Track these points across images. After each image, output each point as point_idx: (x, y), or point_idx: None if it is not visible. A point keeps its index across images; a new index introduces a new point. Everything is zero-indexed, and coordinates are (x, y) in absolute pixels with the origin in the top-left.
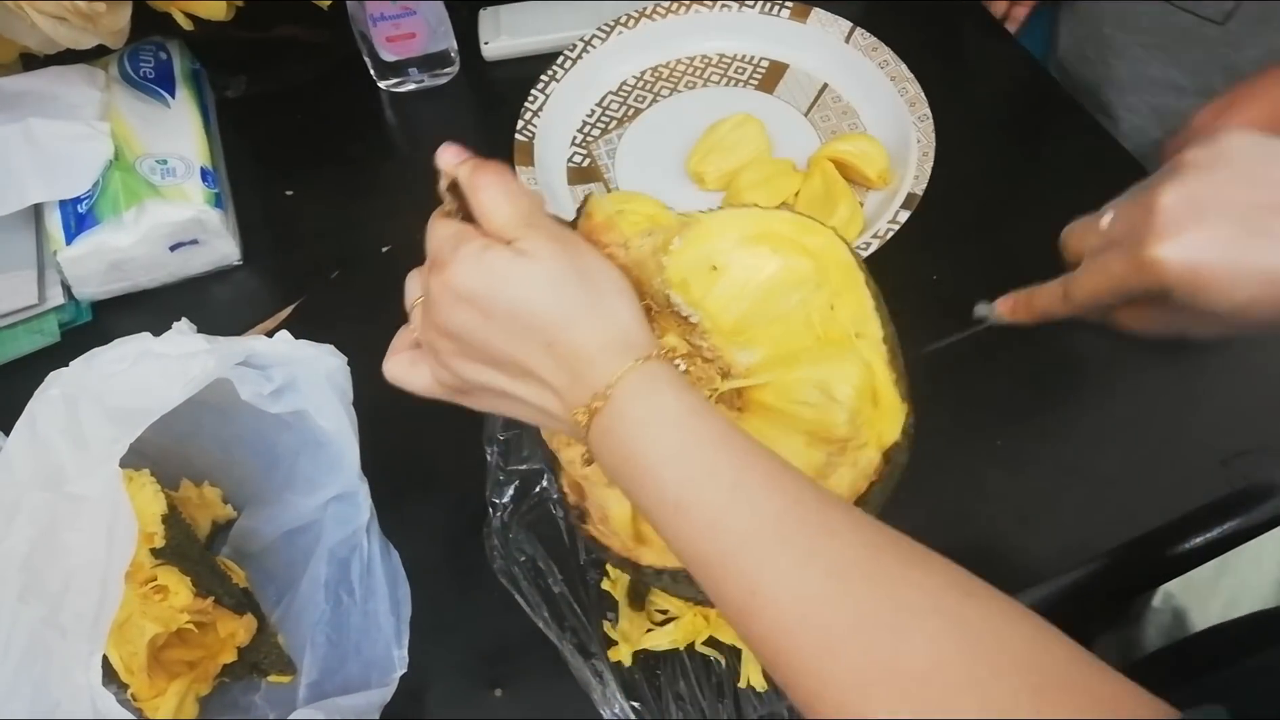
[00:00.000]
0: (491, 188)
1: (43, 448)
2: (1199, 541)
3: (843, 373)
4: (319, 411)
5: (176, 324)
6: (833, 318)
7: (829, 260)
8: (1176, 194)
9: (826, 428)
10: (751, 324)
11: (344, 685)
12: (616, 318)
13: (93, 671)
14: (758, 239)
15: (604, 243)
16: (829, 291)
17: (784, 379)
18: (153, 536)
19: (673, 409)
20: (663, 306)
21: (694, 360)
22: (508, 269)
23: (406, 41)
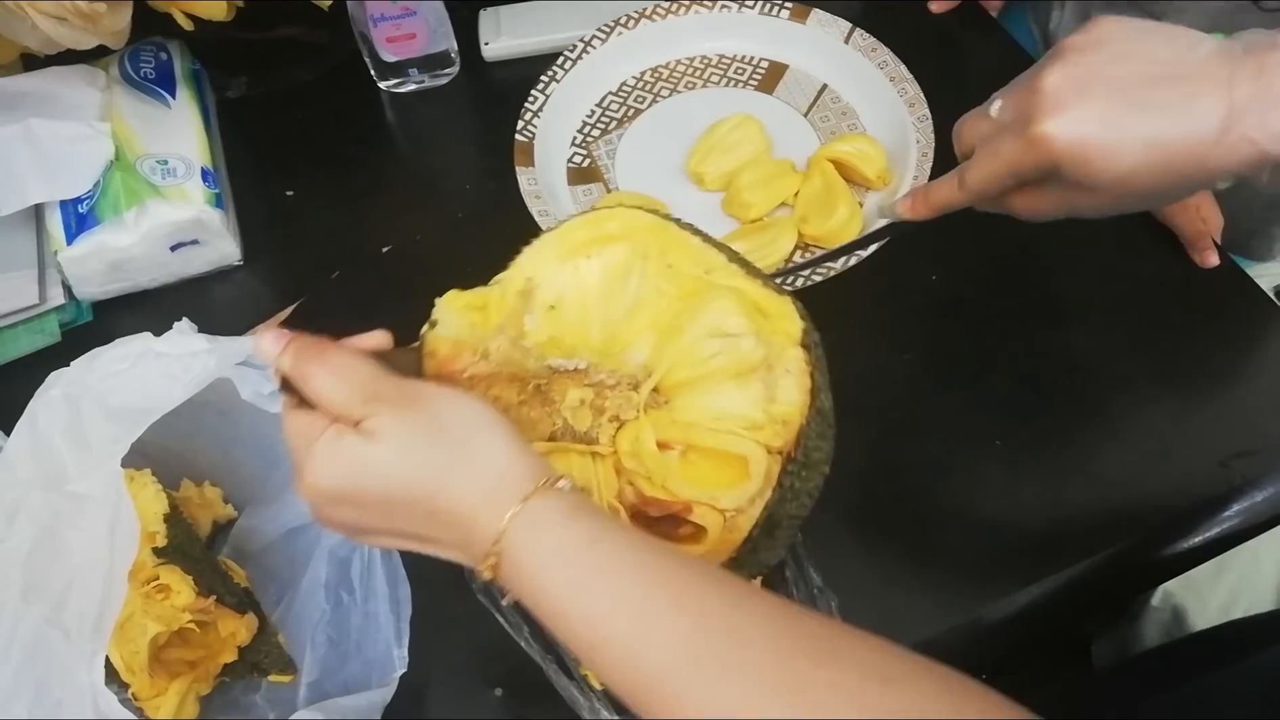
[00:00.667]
0: (317, 374)
1: (44, 447)
2: (1198, 541)
3: (721, 309)
4: None
5: (177, 324)
6: (677, 273)
7: (636, 231)
8: (1059, 74)
9: (743, 362)
10: (616, 329)
11: (344, 685)
12: (487, 465)
13: (95, 671)
14: (568, 255)
15: (458, 371)
16: (656, 255)
17: (681, 351)
18: (155, 536)
19: (565, 548)
20: (550, 375)
21: (603, 394)
22: (362, 458)
23: (407, 42)
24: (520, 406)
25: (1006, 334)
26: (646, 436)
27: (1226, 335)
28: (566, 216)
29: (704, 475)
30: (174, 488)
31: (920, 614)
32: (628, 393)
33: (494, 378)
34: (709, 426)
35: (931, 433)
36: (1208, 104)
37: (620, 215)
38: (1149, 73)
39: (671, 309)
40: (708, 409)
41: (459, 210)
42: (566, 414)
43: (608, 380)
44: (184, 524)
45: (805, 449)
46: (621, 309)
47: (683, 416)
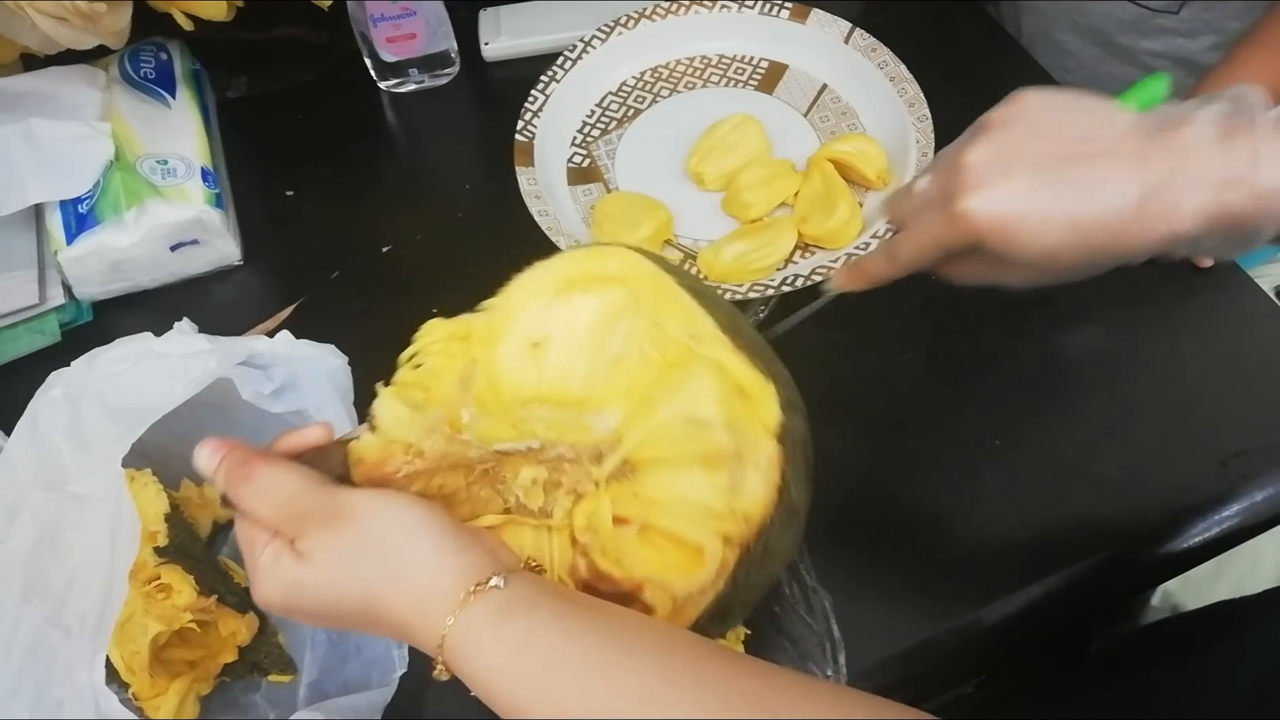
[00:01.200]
0: (245, 497)
1: (44, 447)
2: (1197, 541)
3: (697, 391)
4: (320, 411)
5: (178, 324)
6: (664, 336)
7: (635, 278)
8: (979, 151)
9: (713, 452)
10: (595, 384)
11: (344, 685)
12: (416, 577)
13: (96, 671)
14: (563, 289)
15: (390, 473)
16: (647, 311)
17: (650, 430)
18: (155, 535)
19: (497, 657)
20: (496, 460)
21: (561, 468)
22: (297, 579)
23: (407, 42)
24: (470, 487)
25: (1006, 334)
26: (604, 512)
27: (1226, 335)
28: (567, 249)
29: (659, 556)
30: (174, 488)
31: (920, 614)
32: (588, 467)
33: (433, 471)
34: (670, 508)
35: (931, 432)
36: (1124, 183)
37: (622, 256)
38: (1068, 150)
39: (650, 375)
40: (670, 490)
41: (459, 210)
42: (519, 491)
43: (567, 454)
44: (185, 523)
45: (765, 541)
46: (604, 362)
47: (645, 492)
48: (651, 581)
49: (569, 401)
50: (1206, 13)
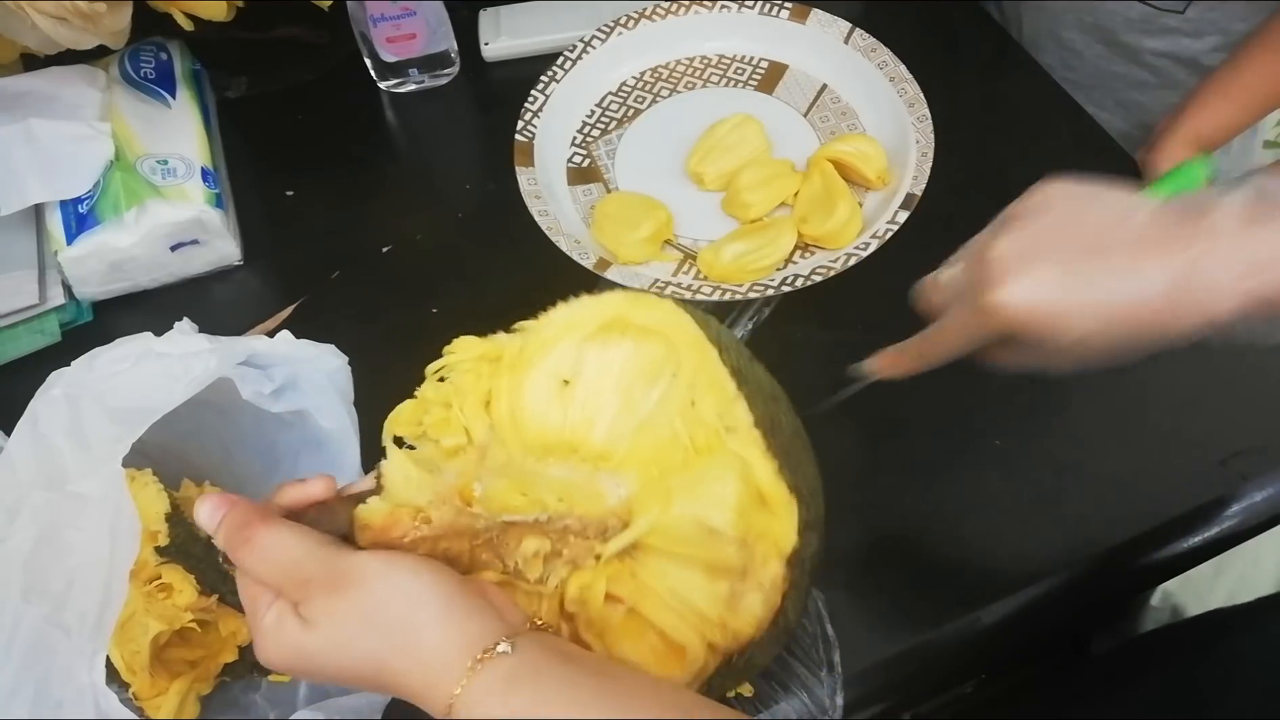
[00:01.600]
0: (247, 560)
1: (44, 447)
2: (1197, 541)
3: (717, 496)
4: (320, 411)
5: (178, 324)
6: (696, 417)
7: (676, 338)
8: (1006, 244)
9: (719, 562)
10: (618, 440)
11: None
12: (422, 646)
13: (96, 671)
14: (602, 330)
15: (396, 538)
16: (685, 380)
17: (663, 523)
18: (156, 534)
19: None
20: (499, 530)
21: (566, 539)
22: (302, 646)
23: (407, 42)
24: (473, 551)
25: None
26: (599, 589)
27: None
28: (612, 292)
29: (641, 643)
30: (174, 487)
31: (919, 614)
32: (592, 542)
33: (439, 538)
34: (663, 601)
35: (930, 432)
36: (1151, 271)
37: (668, 311)
38: (1094, 240)
39: (676, 457)
40: (668, 583)
41: (459, 210)
42: (519, 560)
43: (573, 526)
44: (185, 523)
45: (748, 655)
46: (632, 419)
47: (642, 575)
48: (627, 664)
49: (587, 453)
50: (1212, 12)
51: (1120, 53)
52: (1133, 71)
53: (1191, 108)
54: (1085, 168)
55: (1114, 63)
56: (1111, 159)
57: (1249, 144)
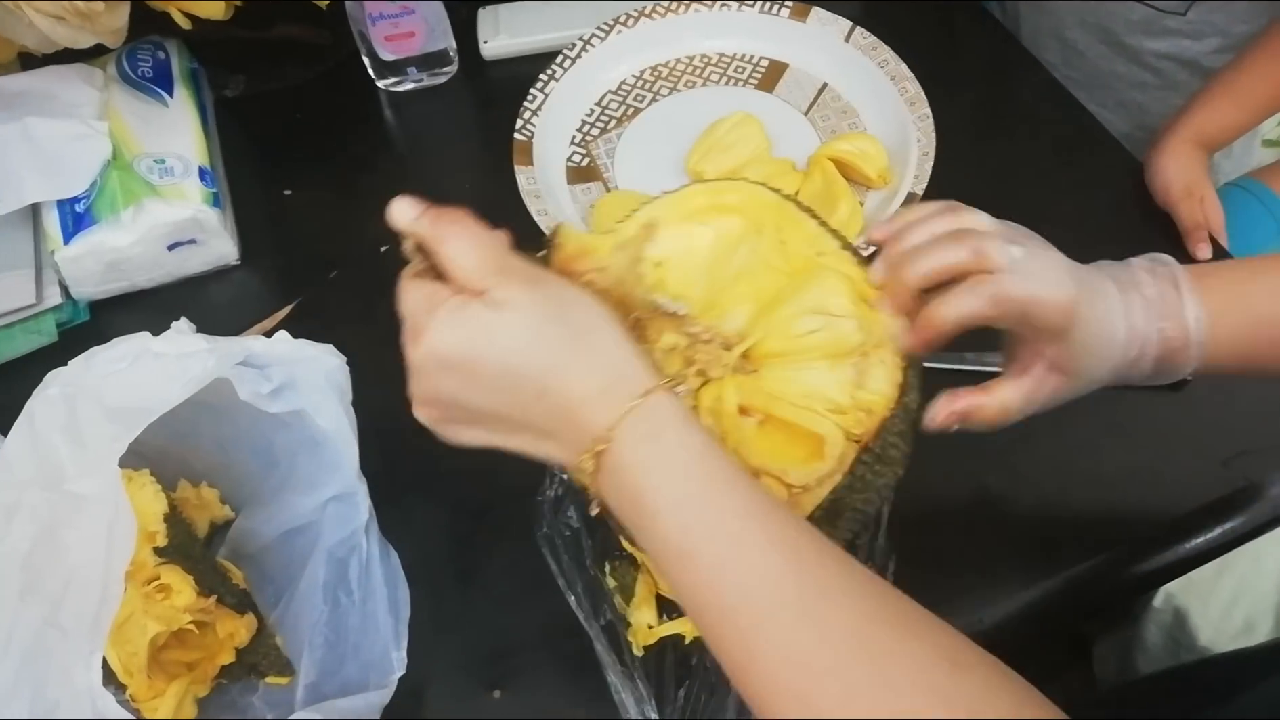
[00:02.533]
0: (455, 238)
1: (42, 447)
2: (1199, 542)
3: (827, 288)
4: (318, 411)
5: (175, 323)
6: (789, 250)
7: (755, 206)
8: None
9: (840, 343)
10: (718, 294)
11: (342, 686)
12: (606, 356)
13: (93, 671)
14: (683, 218)
15: (579, 271)
16: (771, 230)
17: (779, 322)
18: (155, 535)
19: (676, 453)
20: (652, 312)
21: (696, 347)
22: (486, 324)
23: (405, 41)
24: None
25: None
26: (730, 397)
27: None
28: (687, 185)
29: (777, 448)
30: (171, 488)
31: None
32: (720, 351)
33: (605, 294)
34: (793, 401)
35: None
36: (1116, 300)
37: (741, 189)
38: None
39: (777, 283)
40: (795, 383)
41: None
42: (658, 354)
43: (703, 334)
44: (183, 524)
45: (884, 442)
46: (727, 276)
47: (769, 386)
48: (767, 472)
49: (693, 305)
50: (1214, 14)
51: (1122, 53)
52: (1134, 72)
53: (1195, 107)
54: (1086, 167)
55: (1115, 63)
56: (1113, 158)
57: (1249, 144)
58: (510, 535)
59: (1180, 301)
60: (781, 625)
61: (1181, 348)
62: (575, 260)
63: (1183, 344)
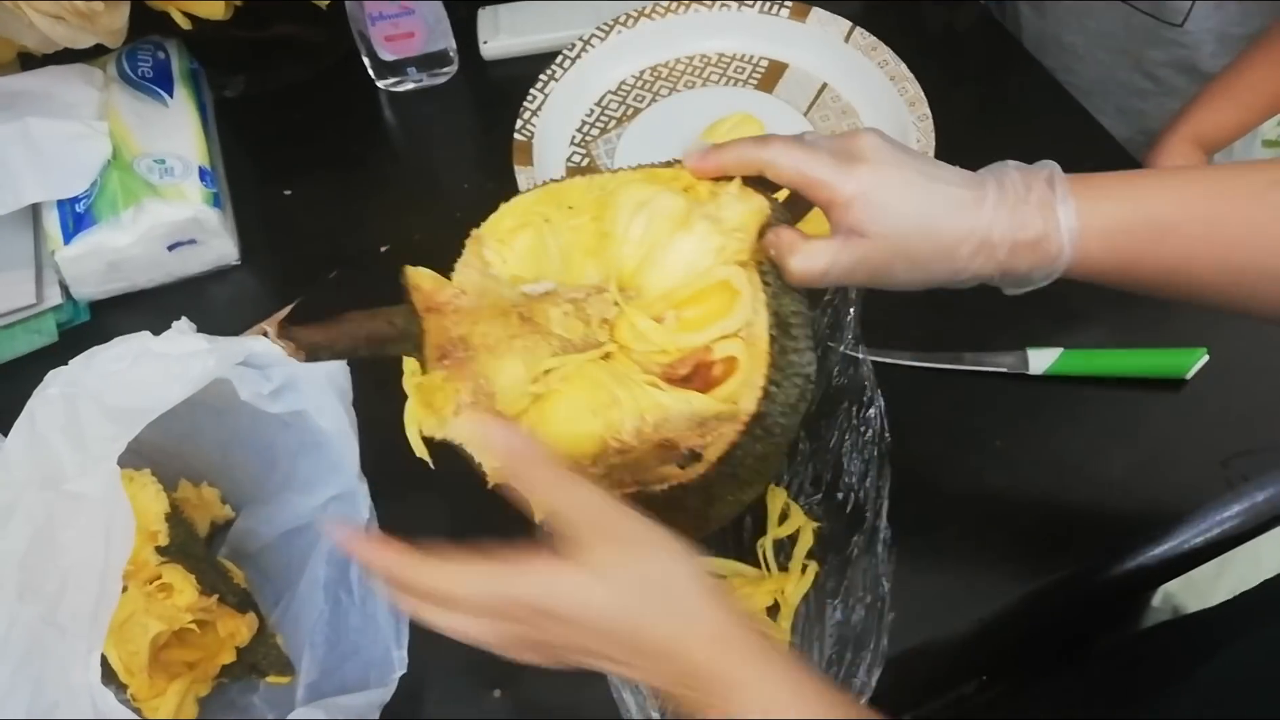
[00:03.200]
0: (552, 489)
1: (41, 446)
2: (1199, 542)
3: (629, 195)
4: (319, 411)
5: (176, 323)
6: (579, 206)
7: (526, 213)
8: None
9: (672, 214)
10: (562, 272)
11: (343, 686)
12: (707, 627)
13: (91, 670)
14: (500, 235)
15: (443, 303)
16: (554, 212)
17: (617, 243)
18: (156, 535)
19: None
20: (528, 301)
21: (580, 306)
22: (585, 597)
23: (405, 41)
24: (513, 340)
25: (1006, 333)
26: (638, 317)
27: (1228, 335)
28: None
29: (703, 321)
30: (171, 488)
31: (919, 614)
32: (600, 296)
33: (478, 313)
34: (683, 283)
35: (930, 433)
36: (969, 209)
37: (510, 210)
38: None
39: (592, 229)
40: (671, 270)
41: (457, 210)
42: (558, 330)
43: (578, 294)
44: (184, 523)
45: (773, 271)
46: (554, 264)
47: (656, 290)
48: (712, 338)
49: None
50: (1210, 20)
51: (1121, 60)
52: (1133, 78)
53: (1195, 108)
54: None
55: (1115, 69)
56: (1112, 158)
57: (1250, 145)
58: (510, 535)
59: (1053, 196)
60: None
61: (1043, 240)
62: (435, 294)
63: (1043, 235)
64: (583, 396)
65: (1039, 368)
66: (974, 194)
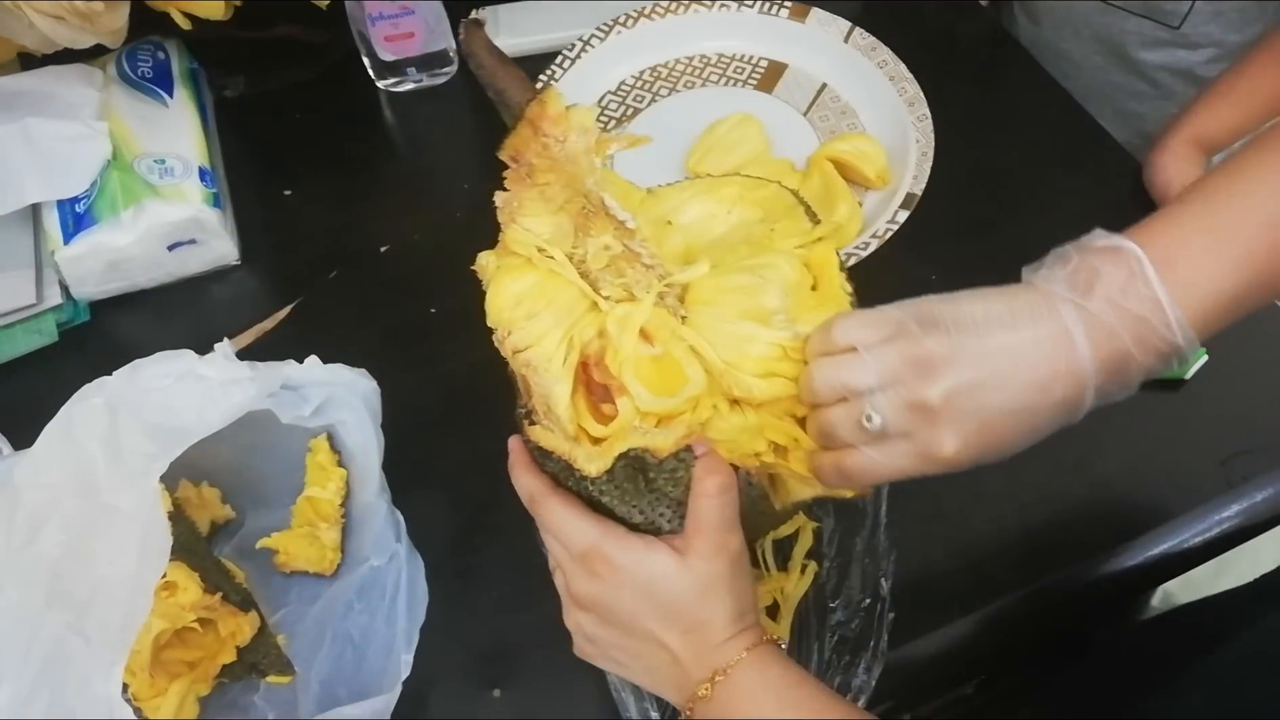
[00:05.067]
0: (714, 499)
1: (78, 455)
2: (1197, 541)
3: (775, 261)
4: (345, 426)
5: (218, 345)
6: (772, 235)
7: (775, 205)
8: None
9: (758, 304)
10: (696, 250)
11: (351, 688)
12: (743, 608)
13: (113, 682)
14: (713, 199)
15: (546, 133)
16: (770, 222)
17: (721, 272)
18: None
19: (780, 684)
20: (596, 207)
21: (632, 263)
22: (668, 573)
23: (405, 41)
24: (560, 210)
25: None
26: (636, 320)
27: (1227, 335)
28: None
29: (657, 381)
30: (172, 487)
31: (919, 614)
32: (652, 278)
33: (559, 164)
34: (713, 342)
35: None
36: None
37: (771, 189)
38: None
39: (745, 251)
40: (712, 328)
41: (457, 210)
42: (590, 247)
43: (646, 258)
44: (188, 522)
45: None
46: (707, 238)
47: (691, 328)
48: (627, 391)
49: (665, 257)
50: (1208, 25)
51: (1118, 63)
52: (1130, 82)
53: (1196, 109)
54: (1085, 167)
55: (1112, 73)
56: (1110, 159)
57: None
58: (511, 534)
59: (1150, 286)
60: None
61: (1151, 334)
62: (550, 122)
63: (1152, 329)
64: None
65: None
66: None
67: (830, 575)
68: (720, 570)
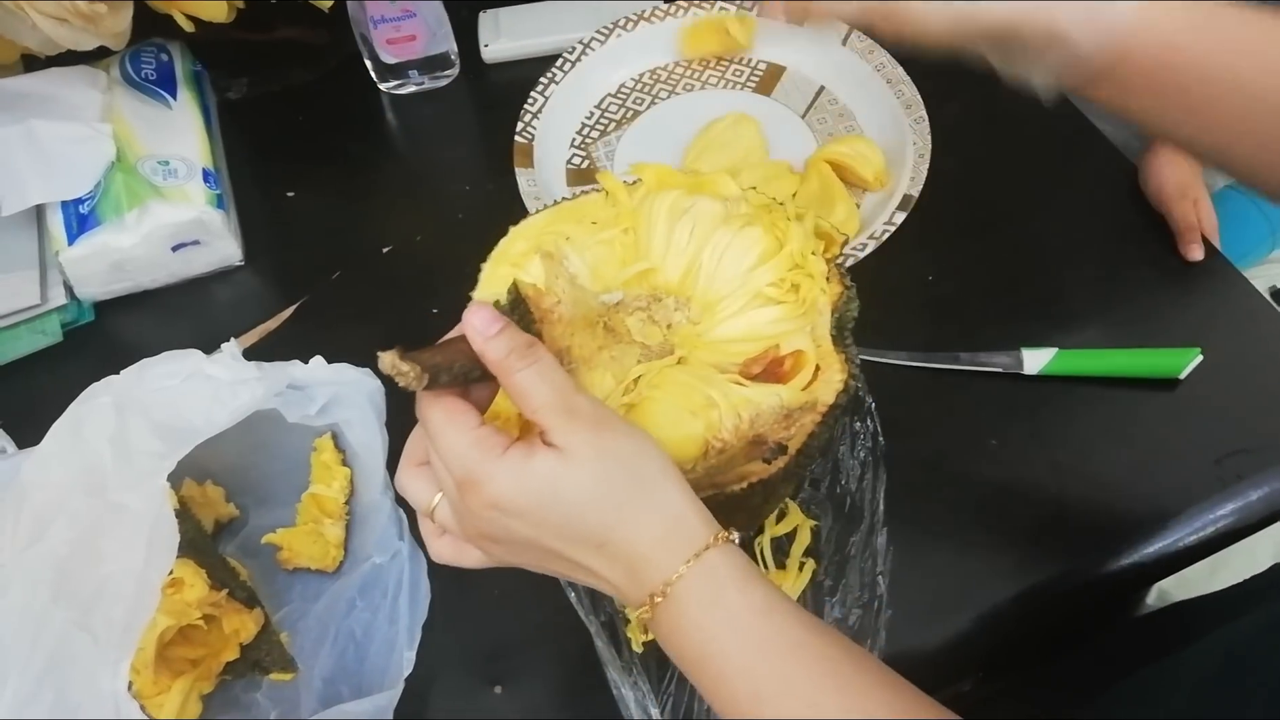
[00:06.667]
0: (527, 374)
1: (87, 453)
2: (1193, 540)
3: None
4: (349, 425)
5: (225, 345)
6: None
7: None
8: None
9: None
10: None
11: (355, 685)
12: (667, 509)
13: (120, 679)
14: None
15: (547, 310)
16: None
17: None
18: None
19: (741, 612)
20: (610, 311)
21: (652, 311)
22: (556, 478)
23: (407, 44)
24: (600, 352)
25: (1002, 333)
26: (714, 324)
27: (1222, 334)
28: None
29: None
30: (177, 485)
31: (916, 612)
32: (660, 303)
33: (574, 323)
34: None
35: (926, 432)
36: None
37: (520, 233)
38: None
39: (624, 240)
40: (724, 276)
41: (459, 211)
42: (638, 338)
43: (641, 303)
44: (193, 519)
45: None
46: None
47: (711, 295)
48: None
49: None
50: None
51: None
52: None
53: None
54: (1081, 168)
55: None
56: (1106, 160)
57: None
58: None
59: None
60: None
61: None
62: (539, 300)
63: None
64: (677, 400)
65: (1034, 368)
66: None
67: (828, 573)
68: (610, 464)
